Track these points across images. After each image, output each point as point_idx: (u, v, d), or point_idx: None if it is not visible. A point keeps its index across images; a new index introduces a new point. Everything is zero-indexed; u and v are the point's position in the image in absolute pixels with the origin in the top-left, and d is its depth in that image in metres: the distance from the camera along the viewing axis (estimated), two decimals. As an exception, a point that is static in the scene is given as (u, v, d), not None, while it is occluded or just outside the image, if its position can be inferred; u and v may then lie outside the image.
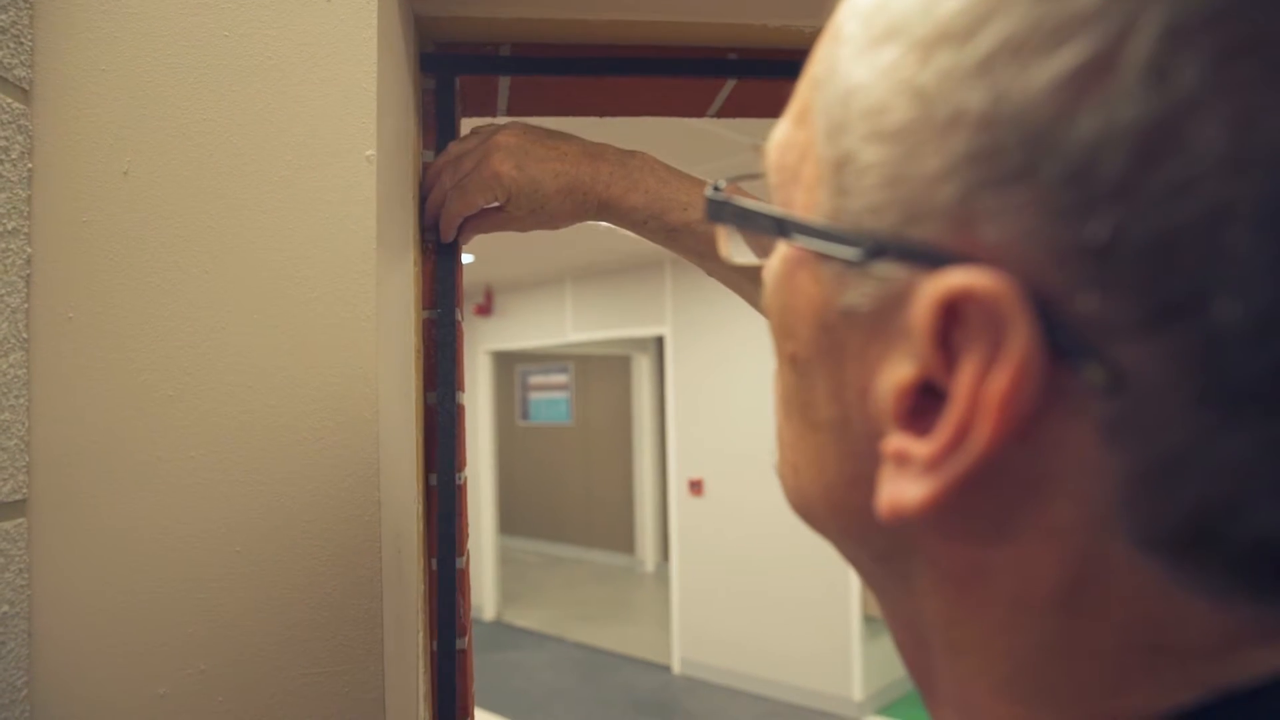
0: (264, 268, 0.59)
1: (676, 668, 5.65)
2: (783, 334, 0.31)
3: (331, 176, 0.59)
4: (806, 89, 0.30)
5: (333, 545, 0.58)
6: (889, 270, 0.25)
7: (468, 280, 6.62)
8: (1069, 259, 0.21)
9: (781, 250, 0.31)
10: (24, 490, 0.56)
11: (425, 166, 0.79)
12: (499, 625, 7.05)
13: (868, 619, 4.78)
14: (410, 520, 0.72)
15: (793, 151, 0.30)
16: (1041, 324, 0.22)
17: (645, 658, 6.01)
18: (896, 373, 0.25)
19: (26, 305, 0.57)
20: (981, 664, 0.27)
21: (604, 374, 9.11)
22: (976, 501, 0.25)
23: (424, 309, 0.82)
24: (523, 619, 7.18)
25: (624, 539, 9.13)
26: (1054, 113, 0.21)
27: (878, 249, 0.25)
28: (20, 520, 0.56)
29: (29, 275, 0.57)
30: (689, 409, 5.52)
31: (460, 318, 0.83)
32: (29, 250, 0.57)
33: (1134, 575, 0.23)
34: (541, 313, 6.94)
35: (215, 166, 0.59)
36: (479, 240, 5.23)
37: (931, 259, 0.24)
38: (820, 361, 0.29)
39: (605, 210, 0.79)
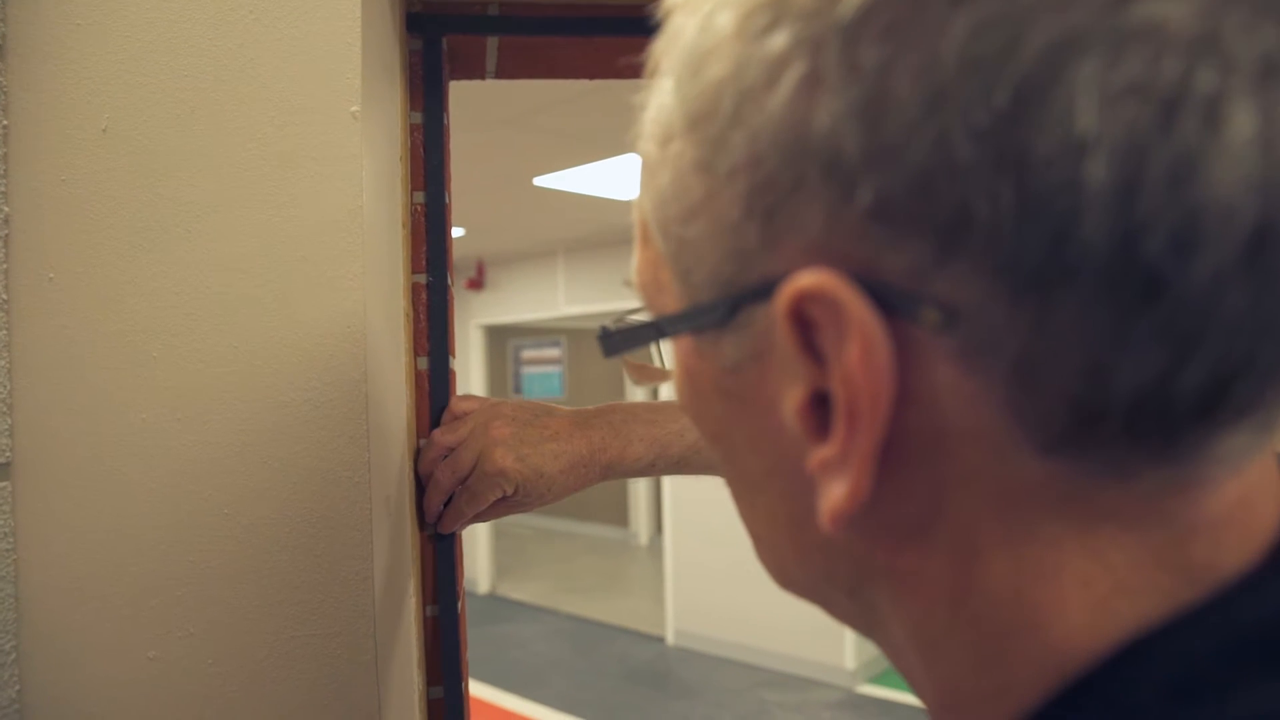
0: (248, 226, 0.58)
1: (670, 639, 5.69)
2: (701, 422, 0.35)
3: (316, 133, 0.58)
4: (637, 214, 0.35)
5: (322, 507, 0.57)
6: (748, 317, 0.29)
7: (458, 253, 6.59)
8: (860, 232, 0.25)
9: (672, 354, 0.35)
10: (7, 454, 0.56)
11: (416, 453, 0.78)
12: (493, 598, 7.08)
13: (860, 589, 4.81)
14: (402, 484, 0.72)
15: (648, 268, 0.34)
16: (865, 293, 0.25)
17: (639, 629, 6.05)
18: (790, 397, 0.28)
19: (5, 266, 0.56)
20: (950, 667, 0.29)
21: (597, 348, 9.07)
22: (898, 481, 0.27)
23: (414, 273, 0.81)
24: (517, 592, 7.22)
25: (617, 512, 9.16)
26: (793, 126, 0.25)
27: (730, 304, 0.29)
28: (4, 484, 0.55)
29: (7, 235, 0.56)
30: (682, 382, 5.51)
31: (451, 283, 0.82)
32: (6, 210, 0.56)
33: (1050, 487, 0.25)
34: (534, 286, 6.92)
35: (197, 123, 0.58)
36: (470, 213, 5.19)
37: (768, 288, 0.27)
38: (734, 425, 0.32)
39: (610, 471, 0.80)
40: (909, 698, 4.63)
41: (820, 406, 0.27)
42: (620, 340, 0.35)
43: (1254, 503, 0.27)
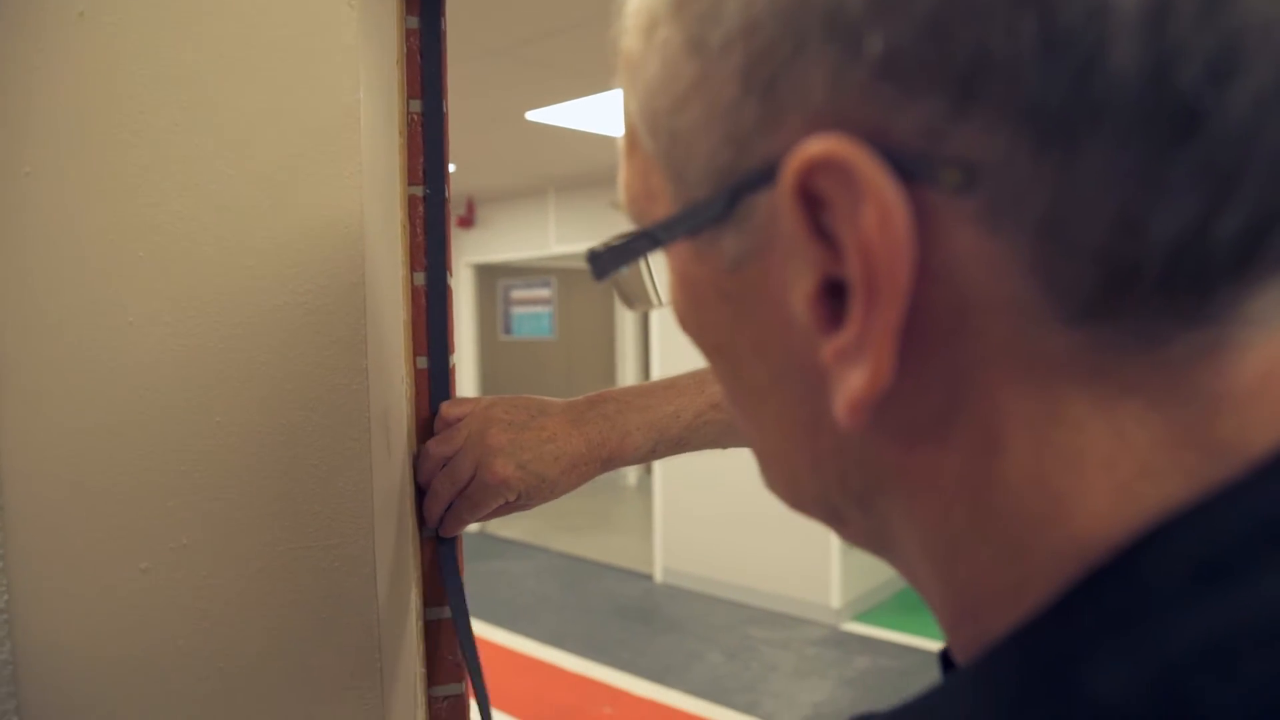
0: (240, 117, 0.54)
1: (658, 576, 5.76)
2: (702, 334, 0.33)
3: (311, 22, 0.55)
4: (625, 124, 0.33)
5: (318, 415, 0.55)
6: (749, 207, 0.27)
7: (449, 191, 6.50)
8: (868, 93, 0.23)
9: (668, 267, 0.33)
10: (-13, 356, 0.53)
11: (415, 460, 0.75)
12: (484, 536, 7.14)
13: (847, 529, 4.87)
14: (399, 400, 0.70)
15: (637, 178, 0.33)
16: (880, 155, 0.23)
17: (628, 567, 6.12)
18: (800, 287, 0.26)
19: (-20, 158, 0.53)
20: (967, 568, 0.27)
21: (587, 288, 9.06)
22: (917, 367, 0.25)
23: (410, 185, 0.78)
24: (507, 530, 7.27)
25: (607, 453, 9.18)
26: None
27: (729, 194, 0.27)
28: (-15, 388, 0.53)
29: (-19, 125, 0.53)
30: (672, 324, 5.48)
31: (448, 196, 0.79)
32: (-20, 97, 0.53)
33: (1076, 362, 0.24)
34: (524, 225, 6.85)
35: (180, 4, 0.54)
36: (459, 149, 5.10)
37: (770, 170, 0.26)
38: (738, 331, 0.30)
39: (609, 465, 0.78)
40: (892, 634, 4.71)
41: (831, 297, 0.26)
42: (611, 258, 0.33)
43: None
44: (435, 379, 0.77)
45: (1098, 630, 0.23)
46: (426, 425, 0.77)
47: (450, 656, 0.80)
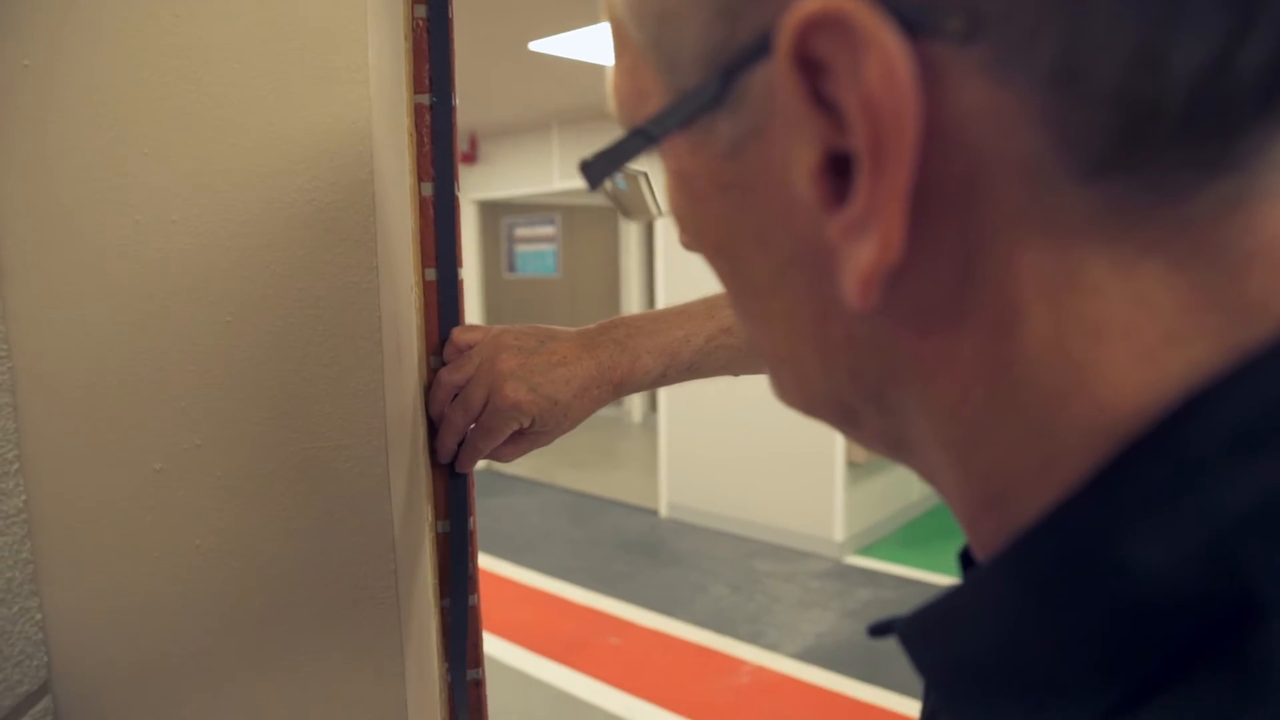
0: (246, 11, 0.53)
1: (664, 511, 5.82)
2: (703, 233, 0.32)
3: (311, -91, 0.53)
4: (611, 21, 0.32)
5: (330, 313, 0.55)
6: (744, 87, 0.26)
7: (451, 126, 6.42)
8: None
9: (664, 169, 0.32)
10: (-6, 255, 0.53)
11: (426, 391, 0.74)
12: (489, 473, 7.21)
13: (851, 465, 4.90)
14: (409, 310, 0.69)
15: (627, 77, 0.31)
16: (879, 6, 0.22)
17: (633, 502, 6.18)
18: (803, 162, 0.25)
19: (-21, 50, 0.51)
20: (988, 453, 0.27)
21: (591, 225, 9.00)
22: (928, 239, 0.24)
23: (416, 94, 0.76)
24: (513, 466, 7.33)
25: (612, 391, 9.21)
26: None
27: (723, 73, 0.26)
28: (-7, 287, 0.53)
29: (-21, 16, 0.51)
30: (677, 261, 5.46)
31: (454, 106, 0.78)
32: (-24, -13, 0.51)
33: (1094, 222, 0.23)
34: (528, 161, 6.78)
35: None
36: (462, 83, 5.02)
37: (765, 42, 0.24)
38: (739, 224, 0.29)
39: (621, 389, 0.77)
40: (894, 568, 4.77)
41: (835, 173, 0.25)
42: (603, 164, 0.31)
43: None
44: (444, 291, 0.77)
45: (1139, 504, 0.23)
46: (437, 349, 0.77)
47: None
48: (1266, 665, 0.20)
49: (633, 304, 8.44)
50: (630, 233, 8.26)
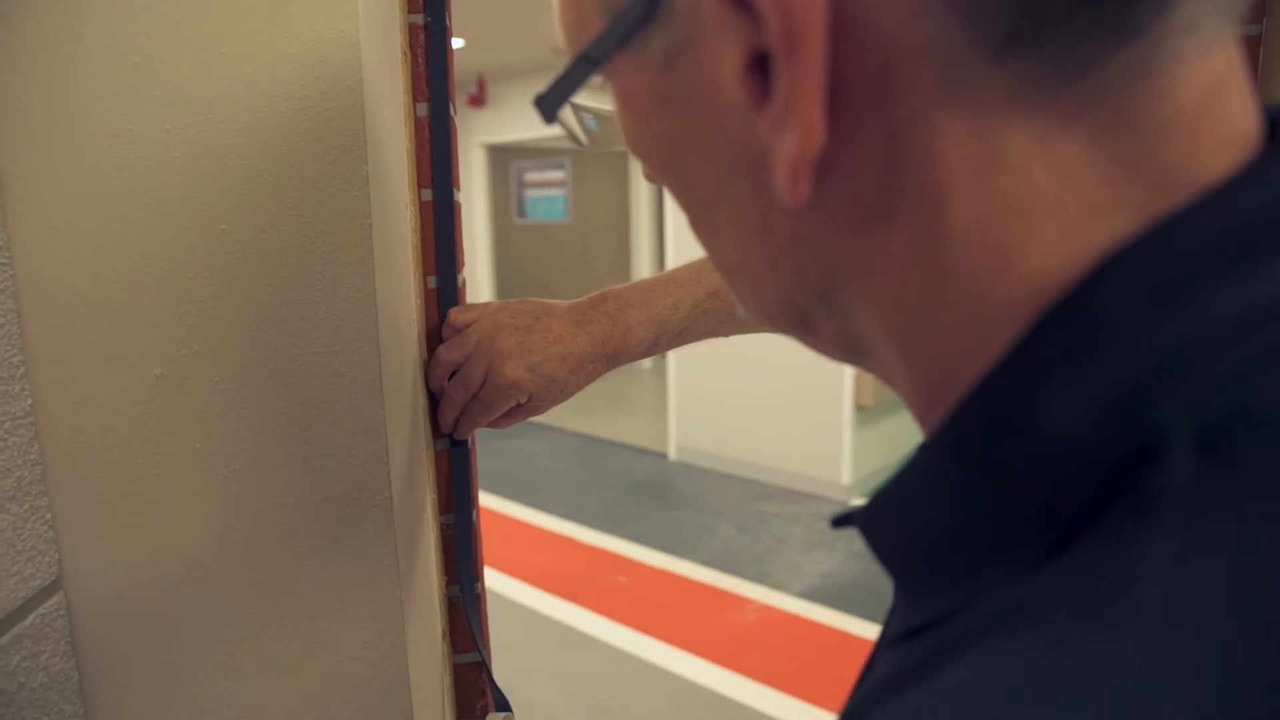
0: (228, -84, 0.53)
1: (673, 455, 5.87)
2: (653, 152, 0.33)
3: None
4: None
5: (321, 220, 0.56)
6: (670, 2, 0.27)
7: (458, 68, 6.35)
8: None
9: (612, 93, 0.33)
10: (-6, 163, 0.54)
11: (425, 366, 0.77)
12: (500, 417, 7.25)
13: (859, 408, 4.92)
14: (403, 226, 0.70)
15: (569, 9, 0.32)
16: None
17: (642, 445, 6.23)
18: (729, 64, 0.26)
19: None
20: (930, 342, 0.28)
21: (601, 170, 8.94)
22: (851, 133, 0.25)
23: (410, 13, 0.76)
24: (523, 411, 7.37)
25: (622, 337, 9.21)
26: None
27: None
28: (-6, 194, 0.54)
29: (-29, -76, 0.52)
30: (688, 202, 5.43)
31: (449, 23, 0.78)
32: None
33: (1010, 100, 0.24)
34: (537, 103, 6.71)
35: None
36: (469, 23, 4.96)
37: None
38: (682, 136, 0.30)
39: (614, 361, 0.80)
40: (901, 511, 4.81)
41: (761, 74, 0.26)
42: (555, 95, 0.32)
43: (1224, 93, 0.25)
44: (440, 211, 0.78)
45: (1054, 363, 0.24)
46: (434, 269, 0.78)
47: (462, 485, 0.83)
48: (1159, 494, 0.21)
49: (643, 249, 8.41)
50: (641, 178, 8.21)
